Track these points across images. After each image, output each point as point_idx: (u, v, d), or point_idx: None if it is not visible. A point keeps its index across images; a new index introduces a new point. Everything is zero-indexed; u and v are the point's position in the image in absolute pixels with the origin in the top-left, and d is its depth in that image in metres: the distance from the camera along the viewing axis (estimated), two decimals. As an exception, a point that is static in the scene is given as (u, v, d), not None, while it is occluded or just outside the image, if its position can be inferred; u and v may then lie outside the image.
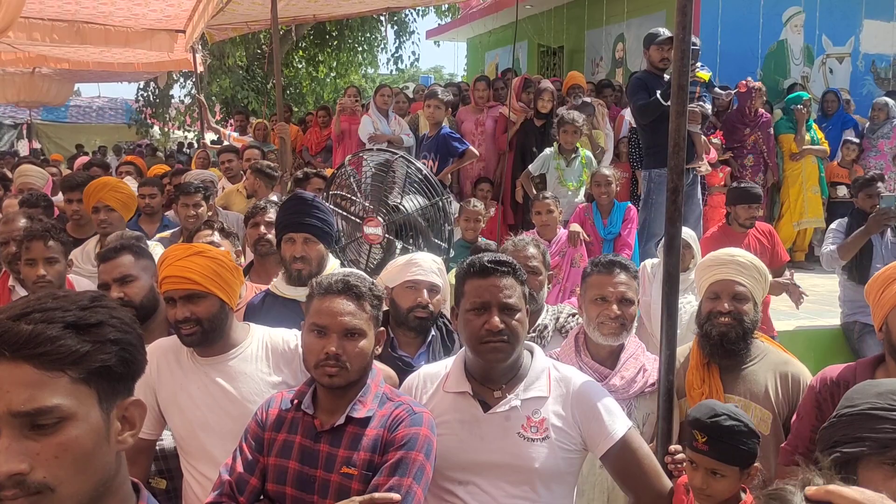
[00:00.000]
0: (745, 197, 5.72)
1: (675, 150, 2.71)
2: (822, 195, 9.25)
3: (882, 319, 2.55)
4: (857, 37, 10.85)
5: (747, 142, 8.93)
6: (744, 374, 2.98)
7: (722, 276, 3.05)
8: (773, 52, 10.54)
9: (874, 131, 9.54)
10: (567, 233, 5.86)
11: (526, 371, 2.46)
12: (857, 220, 5.75)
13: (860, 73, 10.95)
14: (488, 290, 2.38)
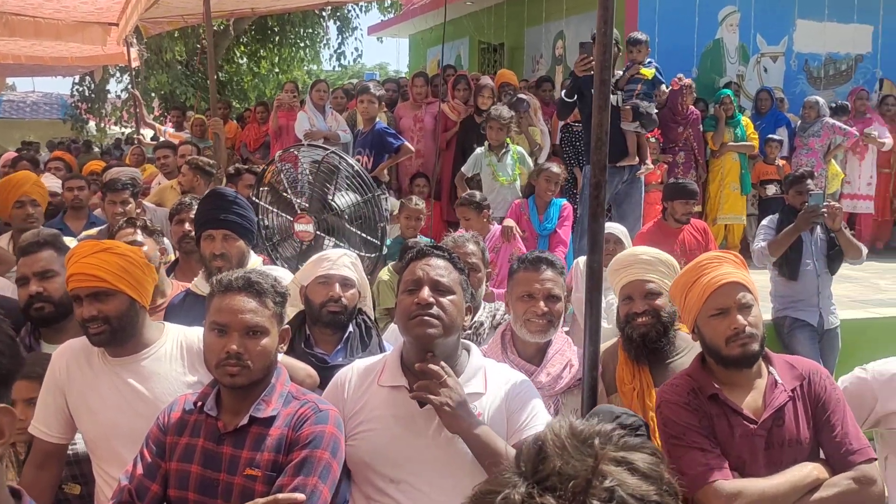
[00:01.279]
0: (682, 192, 5.79)
1: (597, 144, 2.69)
2: (741, 192, 9.39)
3: (692, 323, 2.56)
4: (791, 36, 11.04)
5: (679, 139, 9.04)
6: (672, 367, 2.99)
7: (631, 277, 3.07)
8: (709, 50, 10.67)
9: (805, 129, 9.73)
10: (501, 228, 5.86)
11: (463, 367, 2.44)
12: (787, 216, 5.82)
13: (793, 72, 11.14)
14: (421, 268, 2.38)
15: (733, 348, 2.45)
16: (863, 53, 11.42)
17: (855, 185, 10.04)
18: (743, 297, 2.49)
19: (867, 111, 10.19)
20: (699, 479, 2.36)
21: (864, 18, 11.28)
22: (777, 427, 2.43)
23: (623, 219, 6.34)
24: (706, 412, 2.46)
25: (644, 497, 1.06)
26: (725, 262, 2.59)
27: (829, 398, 2.46)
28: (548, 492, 1.05)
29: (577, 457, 1.08)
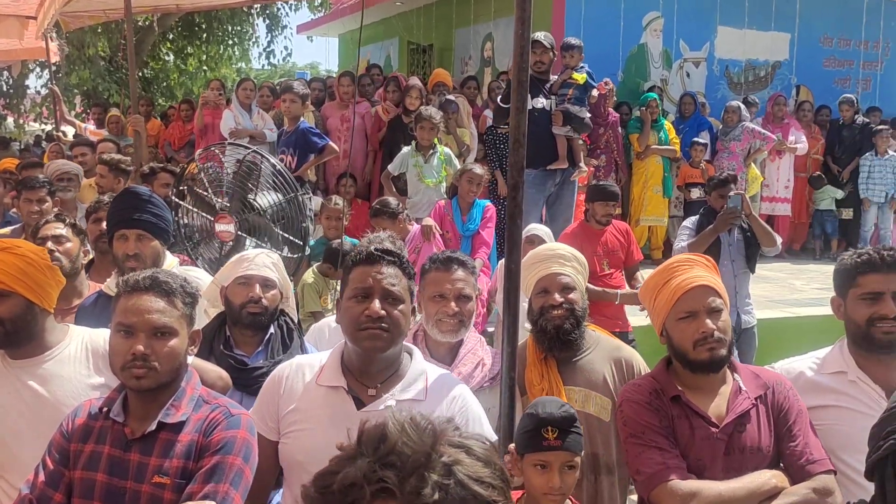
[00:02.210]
0: (603, 194, 5.86)
1: (514, 146, 2.70)
2: (664, 195, 9.58)
3: (660, 326, 2.57)
4: (713, 42, 11.30)
5: (600, 141, 9.17)
6: (580, 364, 3.00)
7: (548, 271, 3.07)
8: (633, 54, 10.85)
9: (727, 133, 9.97)
10: (420, 227, 5.86)
11: (404, 371, 2.40)
12: (707, 218, 5.95)
13: (715, 78, 11.40)
14: (371, 276, 2.32)
15: (701, 352, 2.44)
16: (780, 60, 11.76)
17: (773, 188, 10.33)
18: (713, 302, 2.48)
19: (785, 116, 10.51)
20: (655, 477, 2.36)
21: (781, 26, 11.62)
22: (738, 433, 2.43)
23: (553, 221, 6.40)
24: (667, 413, 2.46)
25: (480, 478, 1.11)
26: (697, 265, 2.59)
27: (792, 408, 2.48)
28: (388, 468, 1.09)
29: (417, 439, 1.12)
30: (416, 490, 1.08)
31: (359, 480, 1.09)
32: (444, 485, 1.08)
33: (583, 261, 3.19)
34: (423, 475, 1.08)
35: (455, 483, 1.09)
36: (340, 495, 1.10)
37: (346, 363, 2.38)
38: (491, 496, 1.12)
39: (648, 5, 10.83)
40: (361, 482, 1.09)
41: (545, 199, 6.68)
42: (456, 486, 1.09)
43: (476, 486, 1.10)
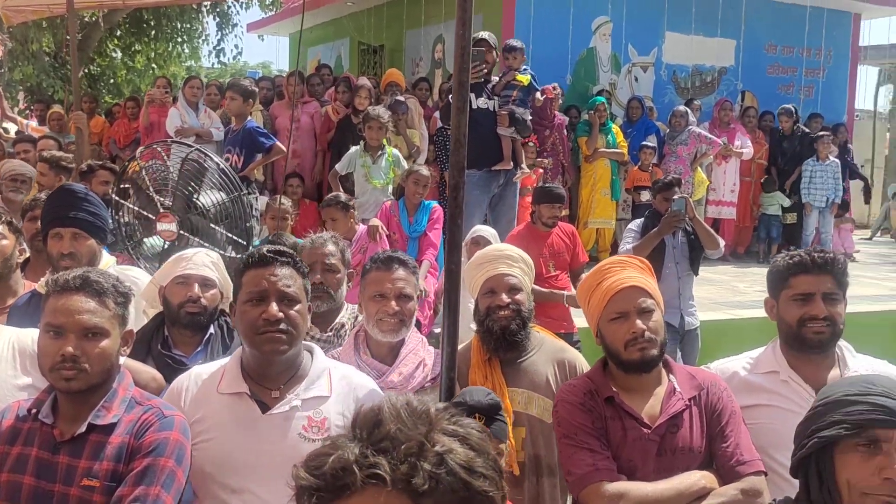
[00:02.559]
0: (548, 197, 5.89)
1: (455, 147, 2.69)
2: (612, 197, 9.69)
3: (595, 327, 2.59)
4: (660, 48, 11.46)
5: (546, 144, 9.23)
6: (524, 366, 3.01)
7: (495, 272, 3.07)
8: (583, 58, 10.95)
9: (674, 137, 10.11)
10: (367, 228, 5.84)
11: (306, 370, 2.39)
12: (652, 220, 6.01)
13: (663, 82, 11.56)
14: (266, 279, 2.31)
15: (632, 352, 2.46)
16: (726, 66, 11.98)
17: (719, 192, 10.50)
18: (643, 302, 2.50)
19: (731, 121, 10.68)
20: (585, 479, 2.37)
21: (727, 33, 11.83)
22: (671, 434, 2.45)
23: (496, 222, 6.42)
24: (600, 414, 2.47)
25: (472, 467, 1.12)
26: (629, 266, 2.61)
27: (725, 409, 2.50)
28: (381, 453, 1.10)
29: (412, 425, 1.13)
30: (407, 478, 1.08)
31: (350, 465, 1.10)
32: (436, 474, 1.09)
33: (529, 262, 3.20)
34: (415, 464, 1.09)
35: (446, 472, 1.10)
36: (332, 478, 1.11)
37: (246, 368, 2.36)
38: (482, 486, 1.12)
39: (598, 10, 10.94)
40: (353, 466, 1.10)
41: (489, 200, 6.70)
42: (447, 475, 1.10)
43: (468, 476, 1.11)
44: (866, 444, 1.70)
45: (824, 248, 2.68)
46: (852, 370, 2.60)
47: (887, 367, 2.72)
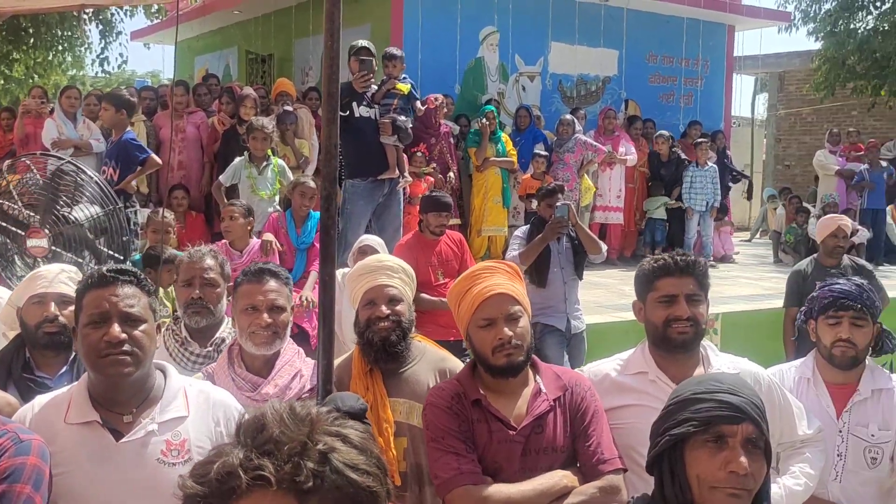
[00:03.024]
0: (436, 205, 5.93)
1: (326, 157, 2.68)
2: (503, 205, 9.83)
3: (465, 331, 2.63)
4: (546, 58, 11.70)
5: (433, 153, 9.30)
6: (405, 376, 3.02)
7: (375, 283, 3.07)
8: (471, 68, 11.08)
9: (561, 145, 10.31)
10: (260, 242, 5.77)
11: (160, 392, 2.30)
12: (537, 227, 6.12)
13: (549, 92, 11.80)
14: (107, 299, 2.21)
15: (499, 358, 2.50)
16: (610, 76, 12.32)
17: (606, 198, 10.77)
18: (511, 309, 2.54)
19: (615, 129, 10.98)
20: (450, 482, 2.40)
21: (609, 43, 12.18)
22: (536, 434, 2.49)
23: (382, 231, 6.42)
24: (467, 417, 2.50)
25: (356, 465, 1.16)
26: (498, 272, 2.64)
27: (588, 408, 2.56)
28: (265, 455, 1.13)
29: (294, 427, 1.15)
30: (292, 478, 1.11)
31: (235, 469, 1.12)
32: (320, 472, 1.11)
33: (410, 272, 3.20)
34: (299, 463, 1.11)
35: (330, 470, 1.12)
36: (218, 483, 1.12)
37: (94, 394, 2.25)
38: (366, 482, 1.15)
39: (485, 20, 11.09)
40: (238, 470, 1.12)
41: (373, 209, 6.71)
42: (331, 473, 1.12)
43: (351, 473, 1.14)
44: (713, 440, 1.77)
45: (686, 252, 2.79)
46: (715, 368, 2.71)
47: (748, 364, 2.85)
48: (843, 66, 15.56)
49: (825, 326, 3.10)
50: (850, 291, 3.07)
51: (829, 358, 3.10)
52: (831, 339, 3.07)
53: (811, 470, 2.83)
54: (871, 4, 15.77)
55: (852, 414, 3.05)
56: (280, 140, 7.89)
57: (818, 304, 3.14)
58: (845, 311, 3.05)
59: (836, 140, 12.99)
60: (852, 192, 11.89)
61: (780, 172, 19.38)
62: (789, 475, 2.81)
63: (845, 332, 3.04)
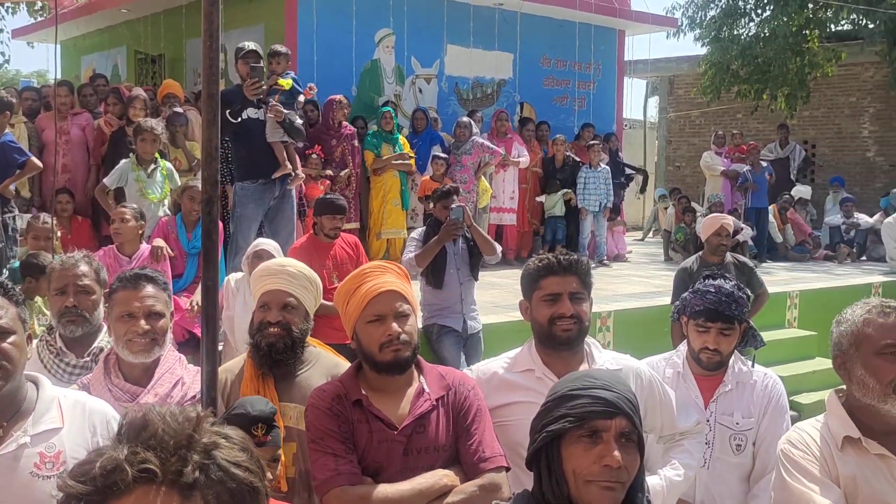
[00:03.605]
0: (331, 208, 5.91)
1: (206, 160, 2.63)
2: (402, 207, 9.86)
3: (351, 329, 2.63)
4: (442, 60, 11.77)
5: (335, 154, 9.25)
6: (298, 381, 3.00)
7: (271, 286, 3.04)
8: (367, 70, 11.05)
9: (458, 147, 10.39)
10: (150, 248, 5.62)
11: (32, 404, 2.23)
12: (432, 228, 6.16)
13: (445, 94, 11.87)
14: None
15: (386, 353, 2.50)
16: (505, 79, 12.48)
17: (500, 199, 10.90)
18: (400, 307, 2.55)
19: (508, 131, 11.13)
20: (327, 483, 2.39)
21: (504, 47, 12.34)
22: (418, 434, 2.50)
23: (275, 235, 6.34)
24: (348, 418, 2.49)
25: (238, 462, 1.18)
26: (388, 272, 2.65)
27: (471, 407, 2.58)
28: (150, 450, 1.13)
29: (178, 425, 1.17)
30: (178, 470, 1.12)
31: (121, 463, 1.11)
32: (205, 465, 1.13)
33: (314, 280, 3.16)
34: (185, 456, 1.12)
35: (215, 465, 1.14)
36: (101, 479, 1.11)
37: None
38: (248, 478, 1.18)
39: (380, 22, 11.08)
40: (123, 464, 1.11)
41: (264, 212, 6.61)
42: (215, 468, 1.14)
43: (234, 469, 1.16)
44: (588, 435, 1.81)
45: (569, 252, 2.85)
46: (599, 364, 2.78)
47: (629, 360, 2.93)
48: (727, 70, 16.14)
49: (695, 331, 3.25)
50: (719, 302, 3.21)
51: (696, 360, 3.25)
52: (699, 346, 3.22)
53: (690, 461, 2.94)
54: (753, 11, 16.45)
55: (718, 404, 3.19)
56: (170, 142, 7.70)
57: (690, 307, 3.27)
58: (713, 322, 3.19)
59: (721, 142, 13.49)
60: (737, 192, 12.37)
61: (670, 173, 20.01)
62: (670, 466, 2.91)
63: (712, 342, 3.21)
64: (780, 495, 2.42)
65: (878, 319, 2.34)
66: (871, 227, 12.78)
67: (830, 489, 2.30)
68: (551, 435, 1.84)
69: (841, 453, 2.35)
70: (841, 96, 17.68)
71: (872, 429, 2.35)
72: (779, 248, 12.75)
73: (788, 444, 2.43)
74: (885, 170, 17.14)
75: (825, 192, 15.26)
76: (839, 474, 2.33)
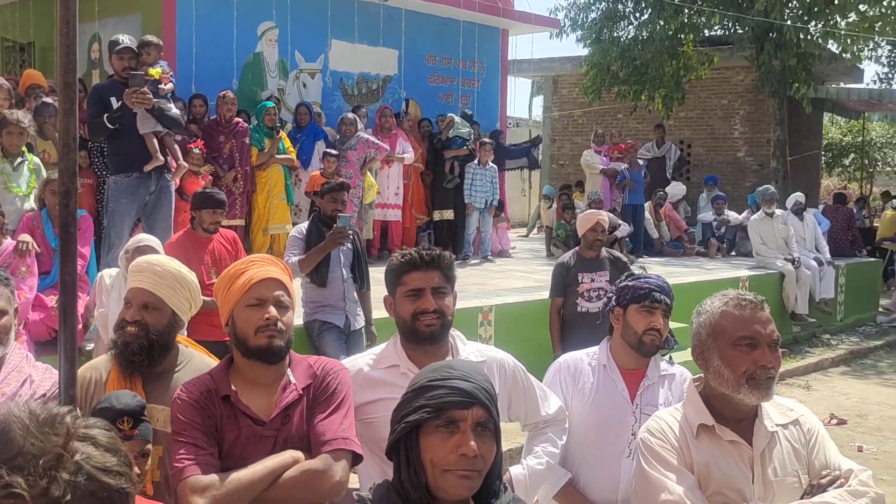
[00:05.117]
0: (209, 202, 5.81)
1: (64, 151, 2.54)
2: (287, 202, 9.77)
3: (228, 314, 2.61)
4: (327, 55, 11.69)
5: (223, 149, 9.08)
6: (166, 382, 2.92)
7: (135, 284, 2.97)
8: (249, 63, 10.87)
9: (343, 143, 10.34)
10: (14, 243, 5.38)
11: None
12: (316, 225, 6.11)
13: (330, 89, 11.80)
14: None
15: (261, 338, 2.48)
16: (390, 75, 12.50)
17: (385, 195, 10.92)
18: (282, 296, 2.56)
19: (392, 127, 11.15)
20: (182, 472, 2.38)
21: (389, 43, 12.37)
22: (285, 425, 2.50)
23: (152, 230, 6.16)
24: (214, 412, 2.47)
25: (108, 468, 1.17)
26: (273, 264, 2.66)
27: (331, 392, 2.58)
28: (17, 471, 1.10)
29: (43, 437, 1.14)
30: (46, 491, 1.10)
31: None
32: (74, 482, 1.11)
33: (185, 279, 3.03)
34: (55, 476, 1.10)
35: (85, 478, 1.12)
36: None
37: None
38: (119, 484, 1.17)
39: (263, 15, 10.92)
40: None
41: (140, 207, 6.43)
42: (86, 481, 1.12)
43: (105, 477, 1.15)
44: (445, 425, 1.84)
45: (432, 247, 2.87)
46: (464, 356, 2.82)
47: (495, 351, 3.00)
48: (608, 71, 16.61)
49: (639, 315, 3.22)
50: (663, 287, 3.28)
51: (637, 345, 3.21)
52: (644, 327, 3.19)
53: (553, 449, 3.02)
54: (632, 15, 16.99)
55: (643, 396, 3.25)
56: (38, 134, 7.39)
57: (633, 292, 3.30)
58: (658, 303, 3.25)
59: (600, 140, 13.89)
60: (615, 190, 12.76)
61: (554, 171, 20.45)
62: (532, 455, 2.99)
63: (658, 322, 3.21)
64: (639, 483, 2.52)
65: (735, 312, 2.45)
66: (740, 223, 13.42)
67: (685, 476, 2.40)
68: (409, 425, 1.86)
69: (696, 440, 2.46)
70: (714, 98, 18.47)
71: (726, 416, 2.47)
72: (655, 243, 13.23)
73: (647, 432, 2.53)
74: (753, 169, 18.00)
75: (700, 191, 15.90)
76: (693, 461, 2.44)
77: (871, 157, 27.88)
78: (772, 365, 2.39)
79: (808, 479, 2.43)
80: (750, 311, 2.44)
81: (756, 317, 2.43)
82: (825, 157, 26.06)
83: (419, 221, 11.62)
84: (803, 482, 2.43)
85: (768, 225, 11.42)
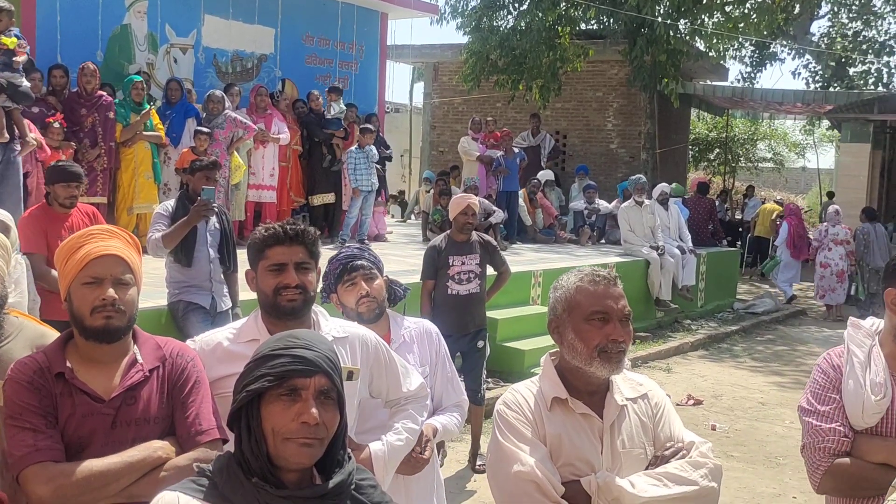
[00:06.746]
0: (64, 175, 5.59)
1: None
2: (154, 180, 9.46)
3: (66, 290, 2.50)
4: (200, 30, 11.34)
5: (85, 123, 8.70)
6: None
7: None
8: (116, 35, 10.43)
9: (210, 121, 10.02)
10: None
11: None
12: (182, 202, 5.95)
13: (203, 66, 11.46)
14: None
15: (97, 319, 2.38)
16: (266, 54, 12.25)
17: (259, 177, 10.72)
18: (122, 274, 2.44)
19: (268, 107, 10.94)
20: (24, 460, 2.25)
21: (265, 21, 12.12)
22: (128, 406, 2.40)
23: (2, 202, 5.86)
24: (50, 392, 2.35)
25: None
26: (116, 237, 2.52)
27: (189, 378, 2.50)
28: None
29: None
30: None
31: None
32: None
33: (5, 244, 2.91)
34: None
35: None
36: None
37: None
38: None
39: (131, -15, 10.51)
40: None
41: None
42: None
43: None
44: (287, 394, 1.84)
45: (296, 222, 2.83)
46: (325, 332, 2.80)
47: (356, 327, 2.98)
48: (487, 60, 16.79)
49: (347, 293, 3.41)
50: (352, 254, 3.46)
51: (357, 317, 3.35)
52: (355, 298, 3.38)
53: (413, 425, 3.04)
54: (511, 5, 17.21)
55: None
56: None
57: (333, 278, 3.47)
58: (354, 272, 3.39)
59: (477, 127, 14.03)
60: (491, 177, 12.93)
61: (434, 157, 20.55)
62: (392, 431, 3.00)
63: (363, 288, 3.37)
64: (493, 454, 2.56)
65: (589, 287, 2.51)
66: (610, 212, 13.84)
67: (537, 448, 2.45)
68: (251, 394, 1.85)
69: (550, 413, 2.51)
70: (589, 91, 18.94)
71: (579, 389, 2.53)
72: (528, 230, 13.48)
73: (503, 405, 2.57)
74: (625, 160, 18.59)
75: (573, 180, 16.30)
76: (546, 433, 2.49)
77: (734, 153, 29.24)
78: (623, 339, 2.46)
79: (654, 450, 2.52)
80: (603, 287, 2.50)
81: (609, 292, 2.49)
82: (692, 151, 27.14)
83: (295, 204, 11.44)
84: (649, 454, 2.51)
85: (637, 213, 11.83)
